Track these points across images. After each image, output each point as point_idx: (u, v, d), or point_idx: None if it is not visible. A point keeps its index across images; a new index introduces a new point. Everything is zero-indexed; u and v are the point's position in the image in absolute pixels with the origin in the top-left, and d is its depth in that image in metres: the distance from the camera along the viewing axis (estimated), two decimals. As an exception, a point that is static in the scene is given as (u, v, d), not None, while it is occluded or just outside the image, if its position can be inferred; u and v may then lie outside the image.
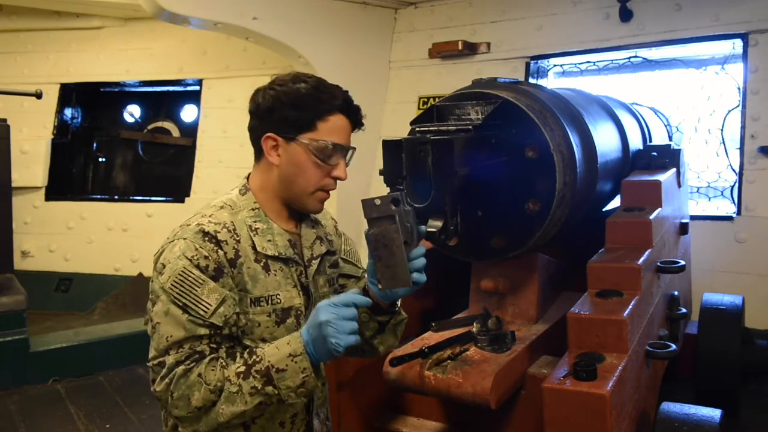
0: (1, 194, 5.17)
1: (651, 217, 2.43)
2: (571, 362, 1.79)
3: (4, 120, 5.21)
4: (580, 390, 1.70)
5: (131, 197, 7.13)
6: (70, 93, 7.05)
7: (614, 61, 5.17)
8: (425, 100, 5.70)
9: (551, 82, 5.44)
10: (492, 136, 2.06)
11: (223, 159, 6.59)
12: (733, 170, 4.56)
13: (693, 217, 3.66)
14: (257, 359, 1.43)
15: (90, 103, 7.27)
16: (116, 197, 7.17)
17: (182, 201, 6.71)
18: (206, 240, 1.49)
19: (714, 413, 1.93)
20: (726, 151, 4.67)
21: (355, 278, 1.83)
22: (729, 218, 4.40)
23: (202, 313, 1.44)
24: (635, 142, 3.11)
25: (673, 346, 2.16)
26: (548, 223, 2.13)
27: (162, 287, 1.45)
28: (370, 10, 5.79)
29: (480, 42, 5.49)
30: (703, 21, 4.54)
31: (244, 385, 1.40)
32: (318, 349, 1.43)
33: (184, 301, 1.44)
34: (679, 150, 3.16)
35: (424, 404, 2.25)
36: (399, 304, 1.73)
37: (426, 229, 1.66)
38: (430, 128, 2.03)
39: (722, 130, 4.70)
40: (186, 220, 1.57)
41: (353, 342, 1.43)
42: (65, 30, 6.92)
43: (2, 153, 5.15)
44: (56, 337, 4.77)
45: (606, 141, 2.62)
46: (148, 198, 6.97)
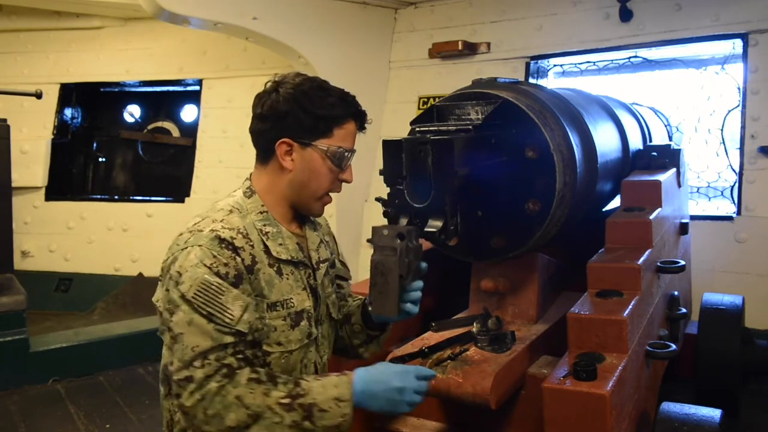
0: (1, 194, 5.16)
1: (651, 217, 2.43)
2: (571, 362, 1.79)
3: (4, 120, 5.20)
4: (580, 390, 1.70)
5: (131, 197, 7.13)
6: (70, 93, 7.05)
7: (614, 61, 5.16)
8: (425, 100, 5.70)
9: (551, 82, 5.44)
10: (492, 136, 2.06)
11: (223, 159, 6.59)
12: (733, 170, 4.56)
13: (693, 217, 3.66)
14: (302, 392, 1.44)
15: (90, 103, 7.27)
16: (116, 197, 7.16)
17: (182, 201, 6.71)
18: (223, 247, 1.48)
19: (714, 413, 1.93)
20: (726, 151, 4.67)
21: (346, 281, 1.88)
22: (729, 218, 4.40)
23: (228, 321, 1.44)
24: (635, 142, 3.11)
25: (673, 346, 2.16)
26: (548, 223, 2.13)
27: (183, 296, 1.43)
28: (370, 10, 5.79)
29: (480, 42, 5.49)
30: (703, 21, 4.54)
31: (286, 417, 1.41)
32: (374, 404, 1.48)
33: (209, 310, 1.43)
34: (679, 150, 3.16)
35: (424, 404, 2.24)
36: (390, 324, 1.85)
37: (426, 266, 1.68)
38: (430, 128, 2.03)
39: (722, 130, 4.70)
40: (194, 225, 1.55)
41: (408, 411, 1.54)
42: (65, 30, 6.91)
43: (2, 153, 5.14)
44: (56, 337, 4.77)
45: (606, 141, 2.62)
46: (148, 198, 6.97)
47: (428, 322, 2.31)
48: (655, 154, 3.05)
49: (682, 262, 2.44)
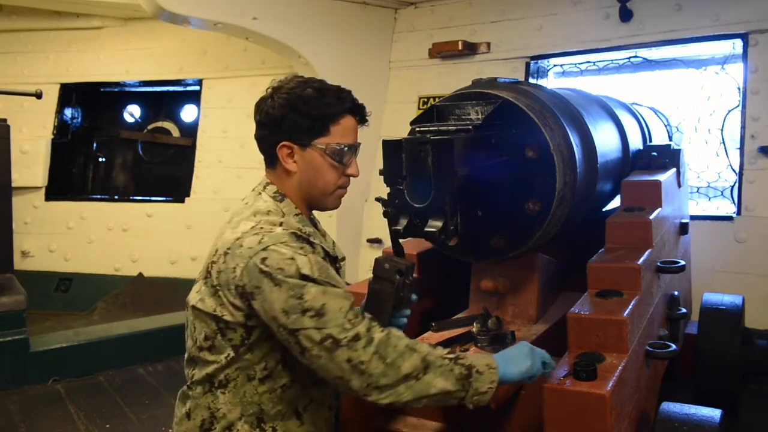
0: (1, 194, 5.15)
1: (651, 217, 2.43)
2: (571, 362, 1.79)
3: (4, 120, 5.20)
4: (580, 390, 1.70)
5: (131, 197, 7.13)
6: (70, 93, 7.05)
7: (614, 61, 5.17)
8: (425, 100, 5.70)
9: (551, 82, 5.44)
10: (492, 136, 2.06)
11: (223, 159, 6.59)
12: (733, 170, 4.56)
13: (693, 217, 3.65)
14: (460, 355, 1.56)
15: (90, 103, 7.27)
16: (116, 197, 7.16)
17: (182, 201, 6.71)
18: (303, 242, 1.55)
19: (714, 413, 1.93)
20: (726, 151, 4.68)
21: None
22: (729, 218, 4.40)
23: (342, 287, 1.55)
24: (635, 142, 3.11)
25: (673, 346, 2.16)
26: (548, 223, 2.13)
27: (305, 277, 1.47)
28: (370, 10, 5.79)
29: (480, 42, 5.49)
30: (703, 21, 4.54)
31: (456, 368, 1.51)
32: (512, 370, 1.59)
33: (331, 282, 1.51)
34: (679, 150, 3.16)
35: (424, 404, 2.25)
36: None
37: (417, 299, 1.80)
38: (430, 128, 2.03)
39: (722, 130, 4.70)
40: (253, 228, 1.55)
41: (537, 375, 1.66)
42: (65, 30, 6.92)
43: (2, 153, 5.14)
44: (56, 337, 4.77)
45: (606, 141, 2.62)
46: (148, 198, 6.97)
47: (428, 322, 2.31)
48: (655, 154, 3.05)
49: (682, 262, 2.44)
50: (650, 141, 3.45)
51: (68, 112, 7.09)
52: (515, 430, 2.12)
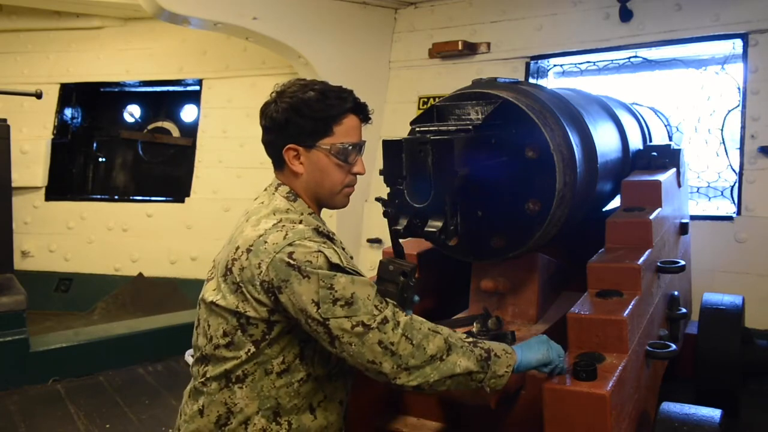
0: (1, 194, 5.16)
1: (651, 217, 2.43)
2: (571, 362, 1.79)
3: (4, 120, 5.20)
4: (580, 390, 1.70)
5: (131, 197, 7.12)
6: (70, 93, 7.05)
7: (614, 61, 5.16)
8: (425, 100, 5.70)
9: (551, 82, 5.44)
10: (492, 136, 2.06)
11: (223, 159, 6.59)
12: (733, 170, 4.56)
13: (693, 217, 3.65)
14: (477, 340, 1.63)
15: (90, 103, 7.26)
16: (116, 197, 7.16)
17: (182, 201, 6.70)
18: (323, 237, 1.61)
19: (714, 413, 1.93)
20: (726, 151, 4.67)
21: None
22: (729, 218, 4.40)
23: (365, 276, 1.60)
24: (635, 142, 3.11)
25: (673, 346, 2.16)
26: (548, 223, 2.13)
27: (333, 267, 1.52)
28: (370, 10, 5.78)
29: (480, 42, 5.49)
30: (703, 21, 4.54)
31: (476, 350, 1.59)
32: (530, 356, 1.69)
33: (357, 271, 1.57)
34: (679, 150, 3.16)
35: (424, 404, 2.25)
36: None
37: (418, 300, 1.82)
38: (430, 128, 2.04)
39: (722, 130, 4.70)
40: (275, 225, 1.59)
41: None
42: (65, 30, 6.91)
43: (2, 153, 5.14)
44: (56, 337, 4.77)
45: (606, 141, 2.62)
46: (148, 198, 6.97)
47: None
48: (655, 154, 3.05)
49: (682, 262, 2.44)
50: (650, 141, 3.45)
51: (68, 112, 7.08)
52: (515, 430, 2.12)
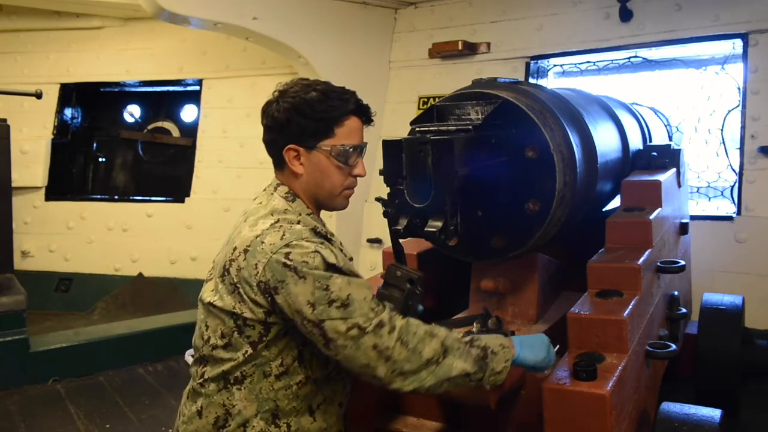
0: (1, 194, 5.16)
1: (651, 217, 2.43)
2: (571, 362, 1.79)
3: (4, 120, 5.20)
4: (580, 390, 1.70)
5: (131, 197, 7.12)
6: (70, 93, 7.04)
7: (614, 61, 5.16)
8: (425, 100, 5.70)
9: (551, 82, 5.44)
10: (492, 136, 2.06)
11: (223, 159, 6.59)
12: (733, 170, 4.56)
13: (693, 217, 3.65)
14: (474, 337, 1.61)
15: (90, 103, 7.26)
16: (116, 197, 7.16)
17: (182, 201, 6.70)
18: (320, 237, 1.59)
19: (714, 413, 1.93)
20: (726, 151, 4.67)
21: None
22: (729, 218, 4.40)
23: (362, 278, 1.59)
24: (635, 142, 3.11)
25: (673, 346, 2.16)
26: (548, 223, 2.13)
27: (330, 267, 1.51)
28: (370, 10, 5.78)
29: (480, 42, 5.49)
30: (703, 21, 4.54)
31: (472, 351, 1.57)
32: (529, 355, 1.68)
33: (354, 272, 1.57)
34: (679, 150, 3.16)
35: (424, 404, 2.25)
36: None
37: (422, 310, 1.82)
38: (430, 128, 2.03)
39: (722, 130, 4.70)
40: (272, 225, 1.58)
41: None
42: (65, 30, 6.91)
43: (2, 153, 5.14)
44: (56, 337, 4.77)
45: (606, 141, 2.62)
46: (148, 198, 6.96)
47: (428, 322, 2.30)
48: (655, 154, 3.05)
49: (682, 262, 2.44)
50: (650, 141, 3.45)
51: (68, 112, 7.08)
52: (515, 430, 2.12)
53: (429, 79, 5.73)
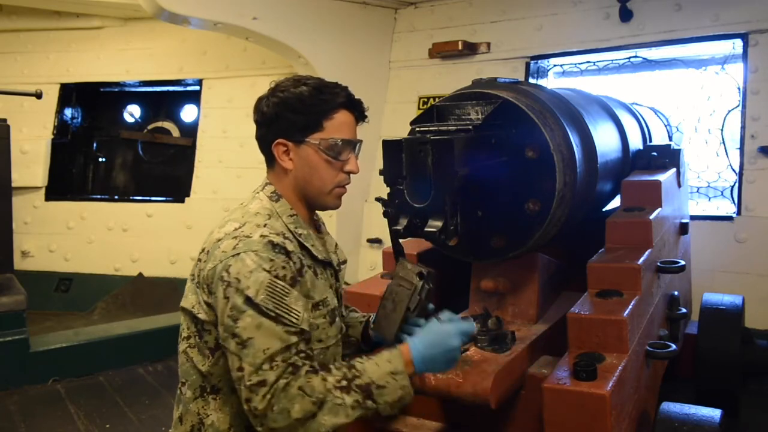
0: (1, 194, 5.15)
1: (651, 217, 2.43)
2: (571, 362, 1.79)
3: (4, 120, 5.20)
4: (580, 390, 1.70)
5: (131, 197, 7.13)
6: (70, 93, 7.05)
7: (614, 61, 5.17)
8: (425, 100, 5.70)
9: (551, 82, 5.44)
10: (492, 136, 2.06)
11: (223, 159, 6.59)
12: (733, 170, 4.56)
13: (693, 217, 3.66)
14: (357, 374, 1.49)
15: (90, 103, 7.27)
16: (116, 197, 7.16)
17: (182, 201, 6.71)
18: (277, 252, 1.50)
19: (714, 413, 1.93)
20: (726, 151, 4.68)
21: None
22: (729, 218, 4.40)
23: (294, 321, 1.47)
24: (635, 142, 3.11)
25: (673, 346, 2.16)
26: (548, 223, 2.12)
27: (248, 300, 1.44)
28: (370, 10, 5.79)
29: (480, 42, 5.49)
30: (703, 21, 4.54)
31: (347, 398, 1.46)
32: (435, 368, 1.62)
33: (277, 312, 1.45)
34: (679, 150, 3.16)
35: (423, 404, 2.25)
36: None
37: (433, 308, 1.77)
38: (430, 128, 2.03)
39: (722, 130, 4.70)
40: (235, 230, 1.54)
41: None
42: (65, 30, 6.92)
43: (2, 153, 5.13)
44: (56, 337, 4.77)
45: (606, 141, 2.62)
46: (148, 198, 6.97)
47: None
48: (655, 154, 3.05)
49: (682, 262, 2.44)
50: (650, 141, 3.45)
51: (68, 112, 7.08)
52: (515, 430, 2.12)
53: (429, 79, 5.74)
